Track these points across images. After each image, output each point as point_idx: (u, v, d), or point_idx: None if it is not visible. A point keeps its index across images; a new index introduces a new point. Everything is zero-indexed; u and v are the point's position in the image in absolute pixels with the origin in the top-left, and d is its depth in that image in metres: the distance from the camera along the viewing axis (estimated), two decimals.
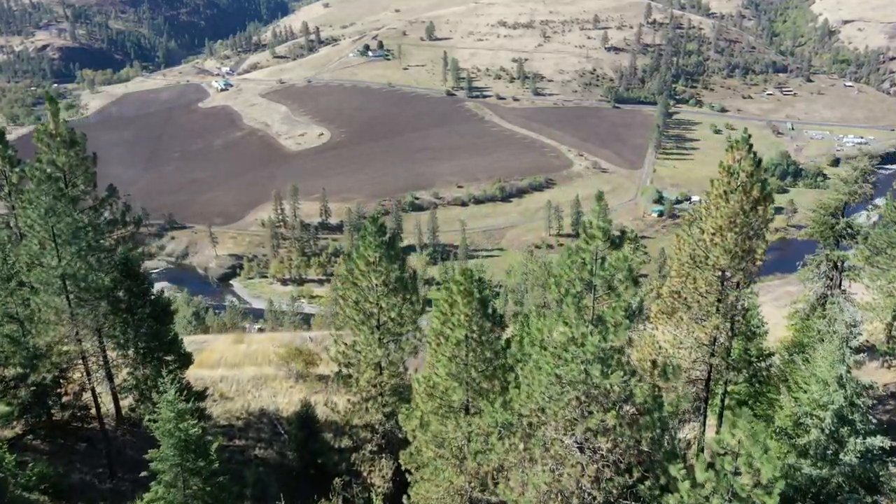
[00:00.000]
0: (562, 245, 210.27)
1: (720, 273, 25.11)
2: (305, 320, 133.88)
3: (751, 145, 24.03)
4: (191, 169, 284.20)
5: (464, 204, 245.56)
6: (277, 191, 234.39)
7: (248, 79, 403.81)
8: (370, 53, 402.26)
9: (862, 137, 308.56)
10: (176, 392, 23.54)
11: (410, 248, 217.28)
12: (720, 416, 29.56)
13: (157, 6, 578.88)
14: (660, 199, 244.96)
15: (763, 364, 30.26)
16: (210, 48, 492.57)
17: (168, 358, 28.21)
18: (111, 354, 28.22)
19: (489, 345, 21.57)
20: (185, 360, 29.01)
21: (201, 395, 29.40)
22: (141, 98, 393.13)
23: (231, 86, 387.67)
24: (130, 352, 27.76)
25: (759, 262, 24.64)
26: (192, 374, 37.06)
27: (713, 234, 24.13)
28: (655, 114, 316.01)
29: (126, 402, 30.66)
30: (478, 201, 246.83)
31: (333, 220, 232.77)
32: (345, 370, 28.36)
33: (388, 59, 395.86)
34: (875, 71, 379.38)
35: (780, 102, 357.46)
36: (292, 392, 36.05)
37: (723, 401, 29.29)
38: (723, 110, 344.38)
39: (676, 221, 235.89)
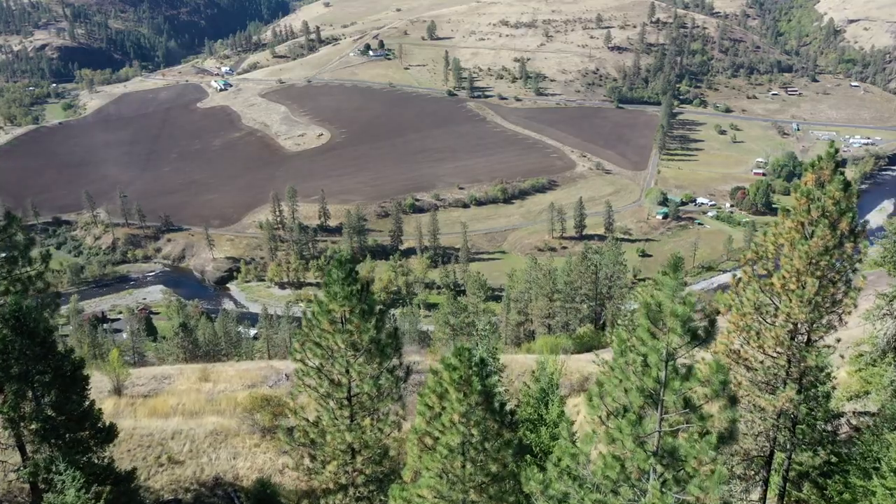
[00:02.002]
0: (565, 248, 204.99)
1: (792, 327, 19.44)
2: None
3: (837, 163, 18.26)
4: (189, 170, 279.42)
5: (465, 206, 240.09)
6: (276, 192, 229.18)
7: (247, 79, 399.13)
8: (371, 53, 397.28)
9: (869, 138, 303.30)
10: (82, 488, 17.93)
11: (411, 251, 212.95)
12: (781, 495, 23.87)
13: (157, 5, 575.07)
14: (664, 201, 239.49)
15: (829, 427, 24.61)
16: (210, 48, 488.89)
17: (81, 434, 22.34)
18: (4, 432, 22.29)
19: (495, 454, 15.61)
20: (106, 435, 22.94)
21: (129, 477, 23.45)
22: (140, 98, 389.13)
23: (230, 86, 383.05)
24: (26, 431, 21.82)
25: (846, 318, 18.93)
26: (142, 426, 31.53)
27: (786, 278, 18.41)
28: (659, 114, 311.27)
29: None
30: (479, 203, 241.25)
31: (332, 223, 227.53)
32: (307, 457, 22.02)
33: (389, 59, 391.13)
34: (881, 70, 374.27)
35: (786, 102, 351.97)
36: (255, 453, 30.24)
37: (785, 476, 23.56)
38: (727, 110, 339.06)
39: (681, 223, 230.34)
